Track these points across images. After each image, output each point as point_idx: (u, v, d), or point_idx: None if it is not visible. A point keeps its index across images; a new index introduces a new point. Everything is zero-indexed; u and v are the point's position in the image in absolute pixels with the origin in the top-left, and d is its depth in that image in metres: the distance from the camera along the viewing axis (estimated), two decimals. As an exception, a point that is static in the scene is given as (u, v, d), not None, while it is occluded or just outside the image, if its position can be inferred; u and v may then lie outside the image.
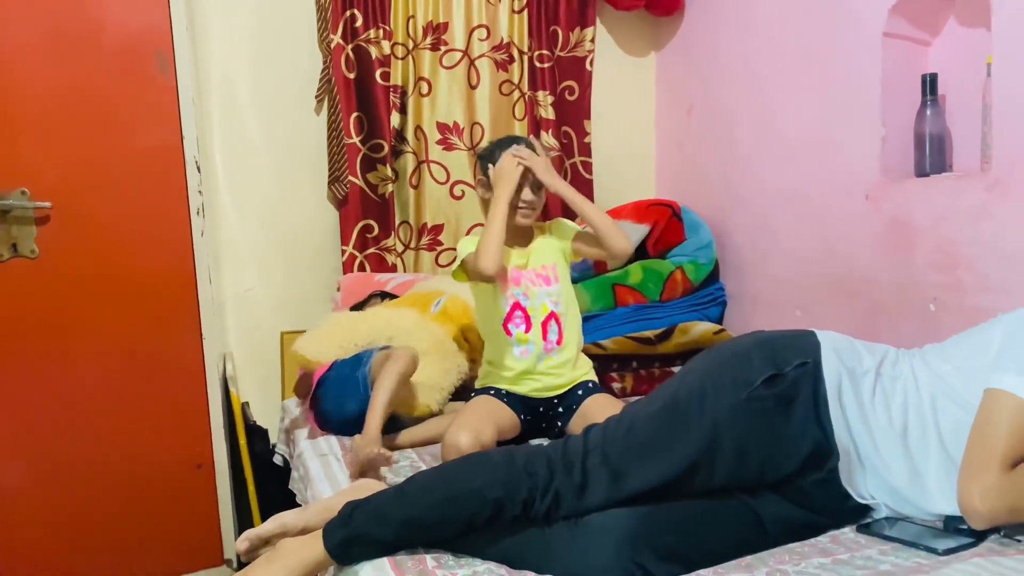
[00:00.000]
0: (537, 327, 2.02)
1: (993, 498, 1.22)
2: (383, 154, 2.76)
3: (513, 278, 2.04)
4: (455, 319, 2.35)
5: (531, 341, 2.02)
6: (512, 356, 2.03)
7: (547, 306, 2.04)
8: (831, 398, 1.38)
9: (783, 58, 2.42)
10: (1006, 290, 1.74)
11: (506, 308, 2.02)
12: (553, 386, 2.04)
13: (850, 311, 2.19)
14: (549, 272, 2.06)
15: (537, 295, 2.04)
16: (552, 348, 2.04)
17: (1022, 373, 1.25)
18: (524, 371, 2.03)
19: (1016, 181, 1.72)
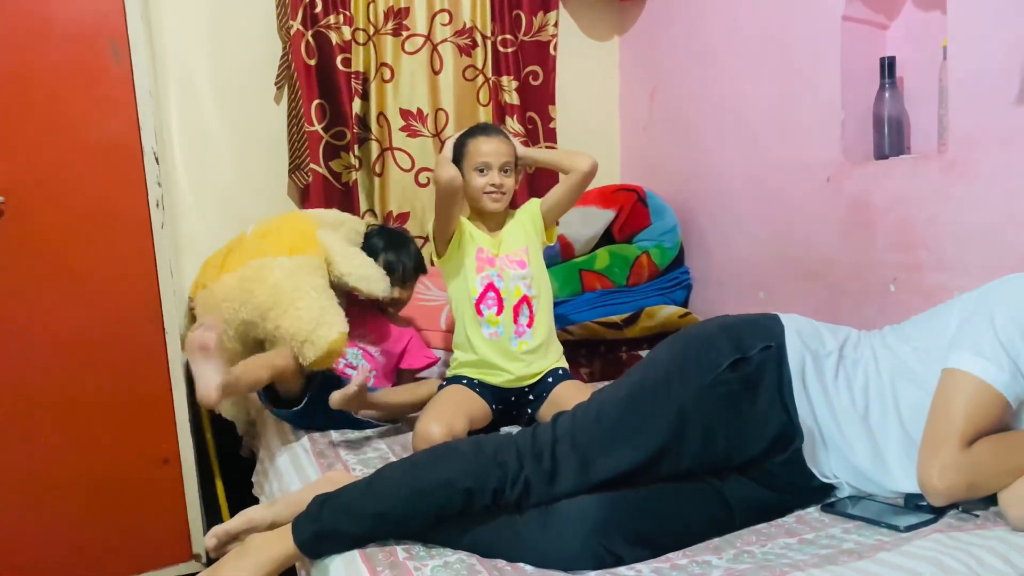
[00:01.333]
0: (509, 310, 2.03)
1: (951, 475, 1.25)
2: (346, 141, 2.73)
3: (487, 259, 2.05)
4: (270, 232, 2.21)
5: (501, 323, 2.03)
6: (480, 336, 2.03)
7: (520, 289, 2.04)
8: (795, 381, 1.40)
9: (744, 42, 2.44)
10: (963, 269, 1.78)
11: (479, 288, 2.03)
12: (525, 376, 2.04)
13: (812, 292, 2.22)
14: (522, 255, 2.07)
15: (511, 277, 2.04)
16: (523, 332, 2.04)
17: (979, 352, 1.28)
18: (494, 356, 2.02)
19: (971, 162, 1.76)
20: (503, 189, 2.03)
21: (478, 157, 2.02)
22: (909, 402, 1.37)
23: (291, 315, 1.97)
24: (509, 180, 2.05)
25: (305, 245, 2.11)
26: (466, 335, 2.05)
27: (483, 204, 2.04)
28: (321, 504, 1.34)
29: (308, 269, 2.06)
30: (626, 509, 1.30)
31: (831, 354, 1.44)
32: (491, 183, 2.02)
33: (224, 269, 2.16)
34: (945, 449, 1.26)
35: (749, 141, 2.45)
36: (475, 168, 2.03)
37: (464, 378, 2.04)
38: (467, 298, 2.04)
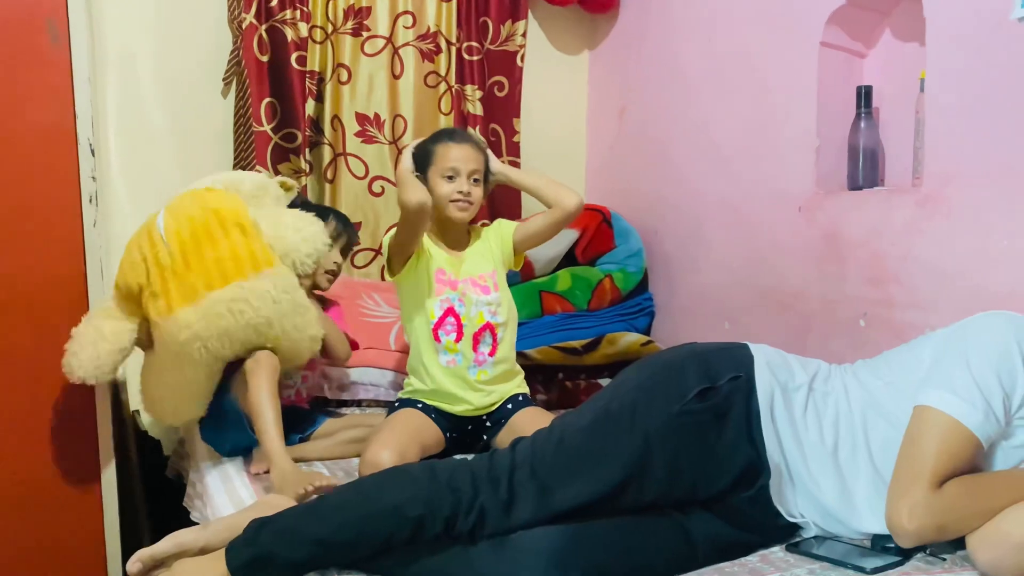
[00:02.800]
0: (468, 338, 2.00)
1: (921, 516, 1.28)
2: (297, 144, 2.71)
3: (448, 282, 2.01)
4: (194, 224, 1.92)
5: (460, 352, 2.00)
6: (437, 364, 2.00)
7: (483, 316, 2.01)
8: (763, 413, 1.42)
9: (718, 63, 2.49)
10: (936, 306, 1.83)
11: (438, 312, 1.99)
12: (484, 405, 2.03)
13: (780, 324, 2.27)
14: (488, 280, 2.04)
15: (474, 303, 2.01)
16: (484, 361, 2.02)
17: (953, 391, 1.31)
18: (451, 386, 1.99)
19: (946, 198, 1.81)
20: (471, 198, 1.99)
21: (446, 163, 1.98)
22: (880, 439, 1.40)
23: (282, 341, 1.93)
24: (478, 190, 2.02)
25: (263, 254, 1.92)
26: (422, 361, 2.02)
27: (448, 212, 2.00)
28: (259, 528, 1.31)
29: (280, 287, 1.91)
30: (585, 542, 1.30)
31: (801, 387, 1.46)
32: (459, 190, 1.98)
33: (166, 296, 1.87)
34: (915, 489, 1.29)
35: (720, 165, 2.49)
36: (442, 175, 1.99)
37: (419, 402, 2.01)
38: (424, 322, 2.01)
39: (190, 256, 1.86)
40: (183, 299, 1.83)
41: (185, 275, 1.85)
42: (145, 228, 1.94)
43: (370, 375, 2.46)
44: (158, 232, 1.89)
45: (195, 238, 1.87)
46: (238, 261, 1.87)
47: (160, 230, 1.90)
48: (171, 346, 1.85)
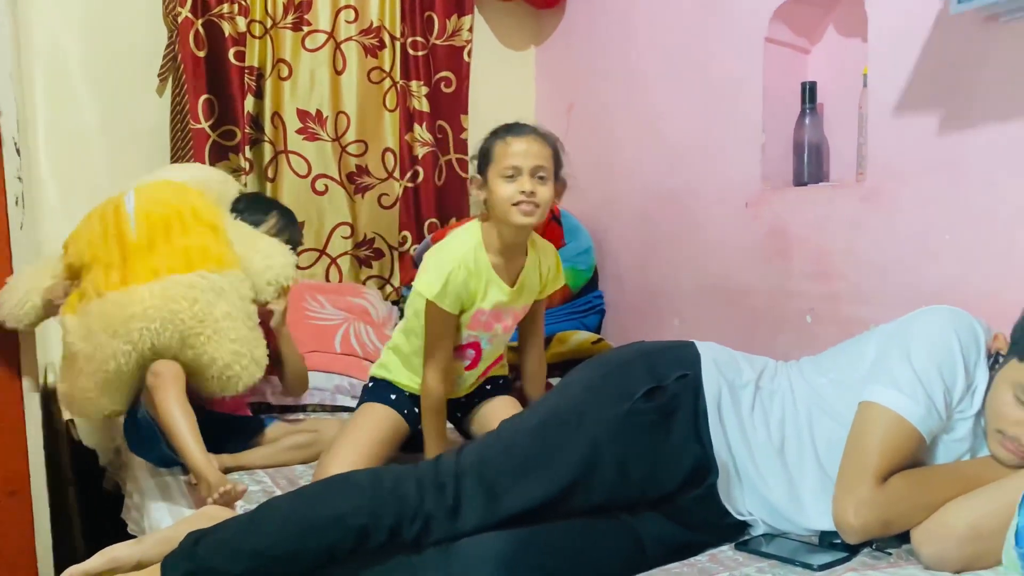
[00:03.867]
0: (482, 368, 1.96)
1: (866, 511, 1.29)
2: (236, 142, 2.66)
3: (484, 323, 1.85)
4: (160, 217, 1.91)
5: (470, 376, 1.96)
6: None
7: (499, 351, 1.97)
8: (711, 412, 1.42)
9: (665, 59, 2.51)
10: (880, 301, 1.86)
11: (463, 342, 1.89)
12: (464, 387, 1.99)
13: (729, 320, 2.29)
14: (519, 316, 1.93)
15: (498, 342, 1.94)
16: (484, 373, 2.00)
17: (896, 386, 1.33)
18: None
19: (889, 193, 1.85)
20: (536, 199, 1.75)
21: (505, 160, 1.75)
22: (825, 436, 1.42)
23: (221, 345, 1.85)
24: (545, 189, 1.76)
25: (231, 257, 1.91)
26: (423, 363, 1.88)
27: (511, 218, 1.75)
28: (196, 541, 1.28)
29: (239, 292, 1.89)
30: (533, 547, 1.29)
31: (748, 385, 1.47)
32: (521, 190, 1.74)
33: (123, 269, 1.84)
34: (860, 485, 1.31)
35: (669, 161, 2.51)
36: (502, 174, 1.76)
37: (394, 389, 1.93)
38: None
39: (157, 238, 1.86)
40: (141, 276, 1.82)
41: (148, 255, 1.84)
42: (112, 203, 1.93)
43: (315, 379, 2.40)
44: (125, 210, 1.89)
45: (166, 222, 1.88)
46: (205, 253, 1.87)
47: (128, 208, 1.89)
48: (110, 322, 1.79)
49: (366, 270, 2.90)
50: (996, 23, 1.63)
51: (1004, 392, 1.29)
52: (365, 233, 2.87)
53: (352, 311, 2.62)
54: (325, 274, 2.83)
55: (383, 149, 2.87)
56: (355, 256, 2.88)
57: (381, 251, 2.90)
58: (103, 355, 1.80)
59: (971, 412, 1.36)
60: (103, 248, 1.87)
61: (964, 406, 1.36)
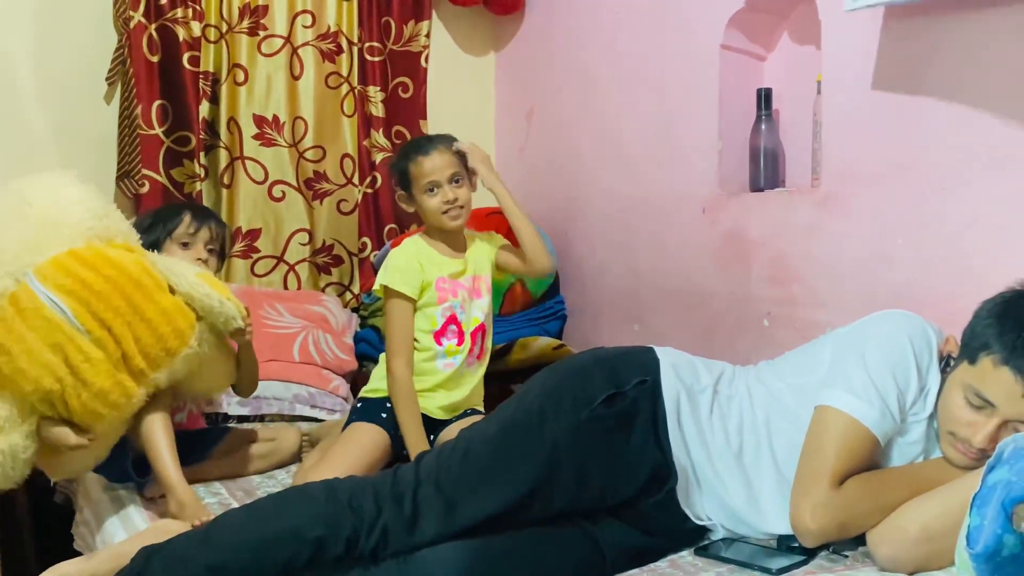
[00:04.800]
0: (468, 339, 2.00)
1: (822, 515, 1.31)
2: (190, 147, 2.63)
3: (450, 289, 1.99)
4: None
5: (461, 352, 1.99)
6: (435, 368, 1.98)
7: (478, 319, 2.02)
8: (670, 417, 1.43)
9: (623, 65, 2.52)
10: (836, 305, 1.89)
11: (440, 320, 1.97)
12: (459, 405, 2.01)
13: (687, 325, 2.30)
14: (482, 284, 2.04)
15: (471, 308, 2.01)
16: (474, 362, 2.03)
17: (851, 390, 1.35)
18: (446, 382, 1.98)
19: (844, 198, 1.87)
20: (459, 203, 1.97)
21: (422, 179, 1.96)
22: (783, 440, 1.43)
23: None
24: (463, 191, 1.99)
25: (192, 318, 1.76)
26: (417, 360, 1.97)
27: (444, 224, 1.98)
28: (148, 556, 1.26)
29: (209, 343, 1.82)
30: (492, 557, 1.29)
31: (706, 389, 1.48)
32: (445, 200, 1.96)
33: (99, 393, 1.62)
34: (816, 488, 1.32)
35: (627, 167, 2.52)
36: (424, 191, 1.97)
37: (385, 408, 1.93)
38: (425, 330, 1.98)
39: (121, 335, 1.63)
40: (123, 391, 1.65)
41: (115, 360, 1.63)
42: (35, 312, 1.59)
43: (273, 388, 2.39)
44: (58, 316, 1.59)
45: (117, 313, 1.63)
46: (180, 337, 1.72)
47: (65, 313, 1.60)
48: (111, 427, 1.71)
49: (325, 277, 2.87)
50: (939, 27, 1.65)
51: (955, 394, 1.32)
52: (324, 239, 2.85)
53: (311, 319, 2.60)
54: (283, 281, 2.80)
55: (341, 155, 2.85)
56: (313, 263, 2.85)
57: (340, 257, 2.88)
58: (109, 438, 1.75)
59: (924, 415, 1.38)
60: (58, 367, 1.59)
61: (917, 409, 1.38)
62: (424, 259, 1.99)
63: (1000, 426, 1.27)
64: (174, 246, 1.99)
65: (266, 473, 2.01)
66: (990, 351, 1.25)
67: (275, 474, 2.03)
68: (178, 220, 2.01)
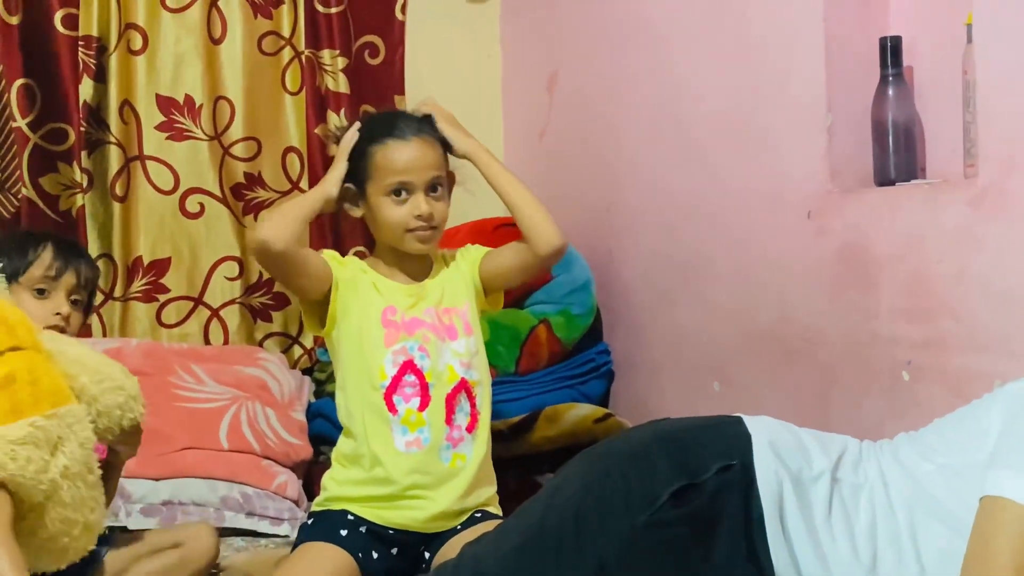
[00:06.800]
0: (439, 403, 1.97)
1: None
2: (68, 145, 2.69)
3: (403, 325, 1.98)
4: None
5: (428, 424, 1.96)
6: (392, 449, 1.95)
7: (455, 370, 2.00)
8: (769, 519, 1.43)
9: (685, 10, 2.54)
10: (1006, 347, 1.86)
11: (391, 370, 1.96)
12: (455, 511, 1.99)
13: (790, 381, 2.29)
14: (456, 318, 2.03)
15: (440, 352, 1.99)
16: (461, 438, 1.99)
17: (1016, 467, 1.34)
18: (414, 477, 1.96)
19: (1012, 192, 1.86)
20: (434, 221, 1.97)
21: (391, 175, 1.95)
22: (934, 547, 1.42)
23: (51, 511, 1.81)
24: (441, 206, 1.99)
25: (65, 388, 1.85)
26: (367, 445, 1.96)
27: (404, 245, 1.99)
28: None
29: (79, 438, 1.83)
30: None
31: (822, 477, 1.47)
32: (416, 213, 1.95)
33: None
34: None
35: (694, 157, 2.53)
36: (386, 191, 1.96)
37: (346, 522, 1.95)
38: (368, 387, 1.97)
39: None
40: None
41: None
42: None
43: (191, 489, 2.40)
44: None
45: None
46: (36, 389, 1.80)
47: None
48: None
49: (263, 325, 2.90)
50: None
51: None
52: (261, 272, 2.86)
53: (244, 387, 2.62)
54: (203, 333, 2.82)
55: (284, 149, 2.90)
56: (246, 305, 2.88)
57: (283, 297, 2.89)
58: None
59: None
60: None
61: None
62: (366, 279, 2.02)
63: None
64: (25, 292, 2.02)
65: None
66: None
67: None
68: (34, 257, 2.03)
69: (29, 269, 2.02)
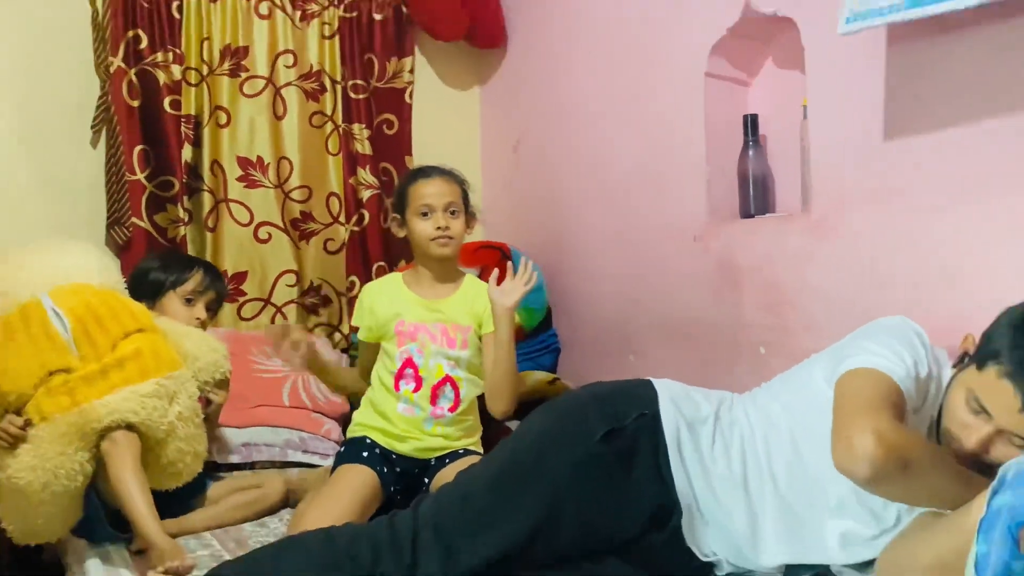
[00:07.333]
0: (427, 390, 1.97)
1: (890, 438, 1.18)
2: (174, 192, 2.64)
3: (408, 332, 1.98)
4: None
5: (417, 403, 1.97)
6: (394, 411, 1.98)
7: (443, 368, 1.98)
8: (671, 450, 1.42)
9: (607, 96, 2.54)
10: (831, 331, 1.86)
11: (398, 362, 1.98)
12: (440, 447, 1.99)
13: (684, 354, 2.30)
14: (458, 335, 1.99)
15: (432, 353, 1.97)
16: (442, 415, 1.98)
17: (870, 354, 1.31)
18: (406, 427, 1.97)
19: (834, 222, 1.88)
20: (450, 232, 1.97)
21: (419, 200, 1.98)
22: (782, 462, 1.42)
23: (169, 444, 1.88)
24: (457, 223, 2.00)
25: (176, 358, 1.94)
26: (380, 398, 2.01)
27: (431, 251, 1.99)
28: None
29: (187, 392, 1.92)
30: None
31: (707, 420, 1.47)
32: (436, 226, 1.96)
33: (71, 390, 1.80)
34: (871, 417, 1.21)
35: (616, 198, 2.53)
36: (417, 213, 1.98)
37: (367, 442, 1.96)
38: (386, 369, 2.00)
39: (102, 348, 1.84)
40: (95, 392, 1.79)
41: (96, 367, 1.82)
42: (28, 315, 1.85)
43: (262, 435, 2.38)
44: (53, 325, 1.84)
45: (104, 330, 1.86)
46: (157, 359, 1.88)
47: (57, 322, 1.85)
48: (68, 441, 1.75)
49: (314, 318, 2.87)
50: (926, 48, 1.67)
51: (958, 394, 1.29)
52: (311, 280, 2.85)
53: (300, 362, 2.58)
54: (271, 324, 2.79)
55: (327, 194, 2.87)
56: (301, 304, 2.85)
57: (328, 298, 2.88)
58: (66, 473, 1.75)
59: (933, 402, 1.36)
60: (39, 372, 1.79)
61: (927, 388, 1.36)
62: (387, 299, 2.02)
63: (993, 435, 1.25)
64: (177, 299, 2.09)
65: (256, 521, 1.99)
66: (998, 361, 1.23)
67: (267, 522, 2.01)
68: (189, 275, 2.10)
69: (184, 283, 2.09)
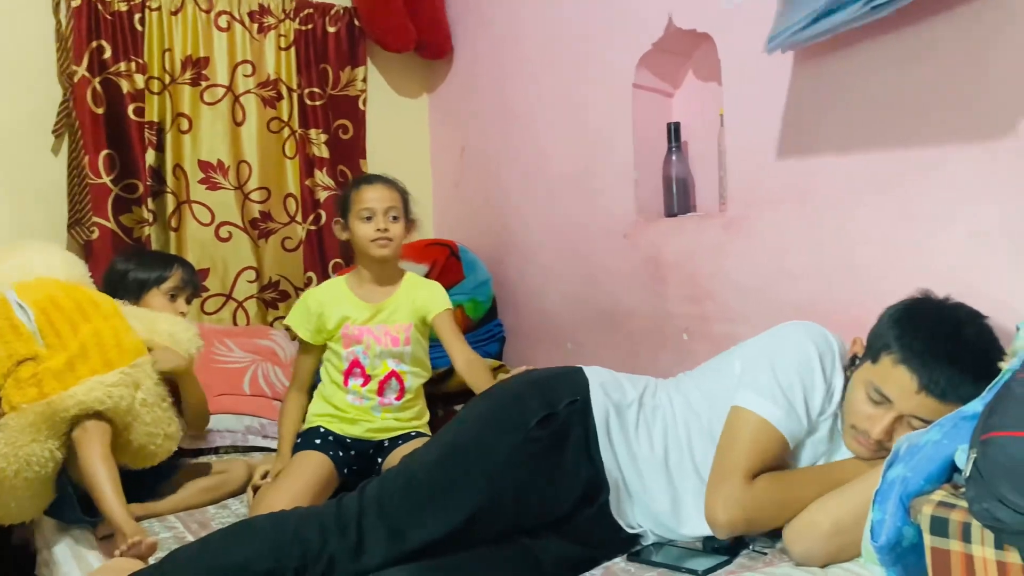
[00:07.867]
0: (374, 384, 1.96)
1: (732, 508, 1.31)
2: (138, 194, 2.56)
3: (354, 336, 1.96)
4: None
5: (364, 395, 1.96)
6: (344, 402, 1.97)
7: (388, 364, 1.97)
8: (600, 433, 1.43)
9: (545, 105, 2.53)
10: (745, 319, 1.91)
11: (346, 363, 1.97)
12: (391, 428, 1.99)
13: (615, 342, 2.31)
14: (400, 333, 1.98)
15: (378, 354, 1.96)
16: (389, 404, 1.98)
17: (759, 391, 1.37)
18: (355, 413, 1.96)
19: (747, 221, 1.90)
20: (389, 235, 1.95)
21: (361, 204, 1.96)
22: (700, 444, 1.44)
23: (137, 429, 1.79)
24: (397, 227, 1.97)
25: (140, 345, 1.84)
26: (332, 394, 1.99)
27: (371, 252, 1.96)
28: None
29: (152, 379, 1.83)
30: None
31: (632, 404, 1.48)
32: (376, 228, 1.94)
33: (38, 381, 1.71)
34: (727, 483, 1.33)
35: (553, 198, 2.53)
36: (359, 217, 1.96)
37: (320, 431, 1.95)
38: (334, 367, 1.99)
39: (67, 338, 1.75)
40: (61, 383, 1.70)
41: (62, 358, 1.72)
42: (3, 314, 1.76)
43: (225, 421, 2.32)
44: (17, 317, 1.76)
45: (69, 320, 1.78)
46: (120, 349, 1.80)
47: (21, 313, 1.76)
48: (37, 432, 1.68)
49: (272, 312, 2.81)
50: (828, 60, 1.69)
51: (858, 391, 1.34)
52: (270, 276, 2.79)
53: (260, 353, 2.53)
54: (232, 318, 2.73)
55: (285, 195, 2.81)
56: (261, 299, 2.79)
57: (287, 292, 2.82)
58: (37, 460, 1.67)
59: (830, 411, 1.40)
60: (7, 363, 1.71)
61: (824, 407, 1.40)
62: (334, 304, 1.97)
63: (896, 420, 1.29)
64: (161, 295, 2.04)
65: (219, 504, 1.95)
66: (890, 351, 1.28)
67: (229, 503, 1.96)
68: (170, 273, 2.04)
69: (166, 281, 2.03)
